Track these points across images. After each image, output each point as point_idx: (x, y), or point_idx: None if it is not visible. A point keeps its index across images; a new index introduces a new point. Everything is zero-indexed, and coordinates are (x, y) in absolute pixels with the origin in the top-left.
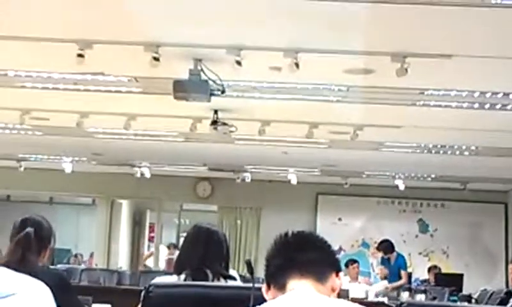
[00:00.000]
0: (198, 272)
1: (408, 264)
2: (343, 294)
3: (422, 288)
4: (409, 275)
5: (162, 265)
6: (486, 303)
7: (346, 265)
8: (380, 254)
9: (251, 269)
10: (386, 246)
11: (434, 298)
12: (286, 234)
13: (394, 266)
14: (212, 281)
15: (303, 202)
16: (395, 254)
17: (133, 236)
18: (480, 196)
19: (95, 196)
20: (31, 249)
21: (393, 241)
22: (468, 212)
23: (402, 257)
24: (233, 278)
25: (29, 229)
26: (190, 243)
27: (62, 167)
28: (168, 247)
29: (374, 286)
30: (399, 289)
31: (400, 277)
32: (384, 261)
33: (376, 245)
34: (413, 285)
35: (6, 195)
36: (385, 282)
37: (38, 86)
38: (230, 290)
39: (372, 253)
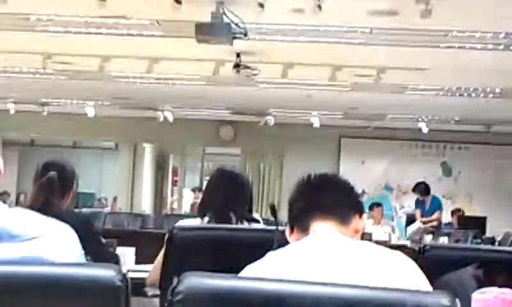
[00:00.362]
0: (221, 215)
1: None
2: (366, 237)
3: (445, 231)
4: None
5: (186, 209)
6: (510, 245)
7: (370, 208)
8: (407, 198)
9: (274, 212)
10: (422, 188)
11: (458, 241)
12: (309, 176)
13: (429, 209)
14: (236, 223)
15: (325, 145)
16: (430, 197)
17: (156, 180)
18: (504, 139)
19: (118, 140)
20: (55, 193)
21: None
22: (492, 155)
23: (438, 199)
24: (257, 221)
25: (52, 173)
26: (213, 186)
27: (85, 112)
28: (193, 190)
29: (409, 228)
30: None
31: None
32: (419, 204)
33: (399, 188)
34: None
35: (29, 139)
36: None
37: (60, 30)
38: (254, 232)
39: (395, 196)
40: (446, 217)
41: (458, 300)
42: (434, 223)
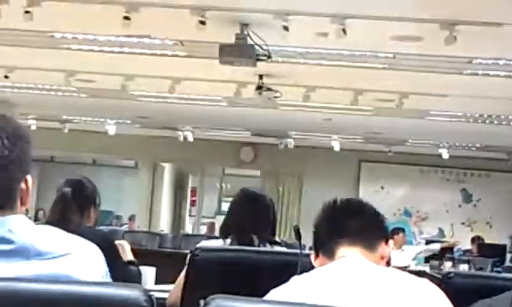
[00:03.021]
0: (244, 237)
1: (451, 234)
2: None
3: (465, 258)
4: None
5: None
6: None
7: (393, 233)
8: (426, 224)
9: (299, 235)
10: None
11: (480, 268)
12: (335, 201)
13: None
14: (258, 246)
15: (345, 169)
16: None
17: (175, 199)
18: None
19: (138, 158)
20: (70, 209)
21: (436, 210)
22: None
23: None
24: (279, 244)
25: (66, 189)
26: (236, 207)
27: (106, 129)
28: None
29: None
30: None
31: None
32: None
33: (418, 214)
34: (456, 255)
35: (49, 156)
36: None
37: (83, 48)
38: (277, 255)
39: (414, 222)
40: (465, 245)
41: None
42: None
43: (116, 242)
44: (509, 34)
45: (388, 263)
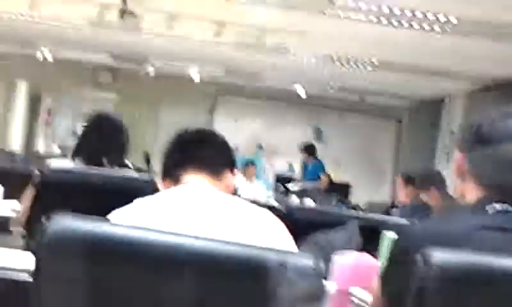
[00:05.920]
0: (93, 158)
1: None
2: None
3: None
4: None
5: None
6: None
7: (245, 166)
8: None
9: (148, 161)
10: (312, 149)
11: (323, 204)
12: (186, 130)
13: (312, 170)
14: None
15: (202, 100)
16: (312, 159)
17: (29, 119)
18: (376, 111)
19: None
20: None
21: (288, 146)
22: (363, 125)
23: (320, 162)
24: (129, 167)
25: None
26: (89, 129)
27: None
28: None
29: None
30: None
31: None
32: (304, 165)
33: (271, 148)
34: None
35: None
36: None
37: None
38: (125, 179)
39: (266, 156)
40: None
41: (323, 259)
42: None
43: None
44: None
45: (234, 193)
